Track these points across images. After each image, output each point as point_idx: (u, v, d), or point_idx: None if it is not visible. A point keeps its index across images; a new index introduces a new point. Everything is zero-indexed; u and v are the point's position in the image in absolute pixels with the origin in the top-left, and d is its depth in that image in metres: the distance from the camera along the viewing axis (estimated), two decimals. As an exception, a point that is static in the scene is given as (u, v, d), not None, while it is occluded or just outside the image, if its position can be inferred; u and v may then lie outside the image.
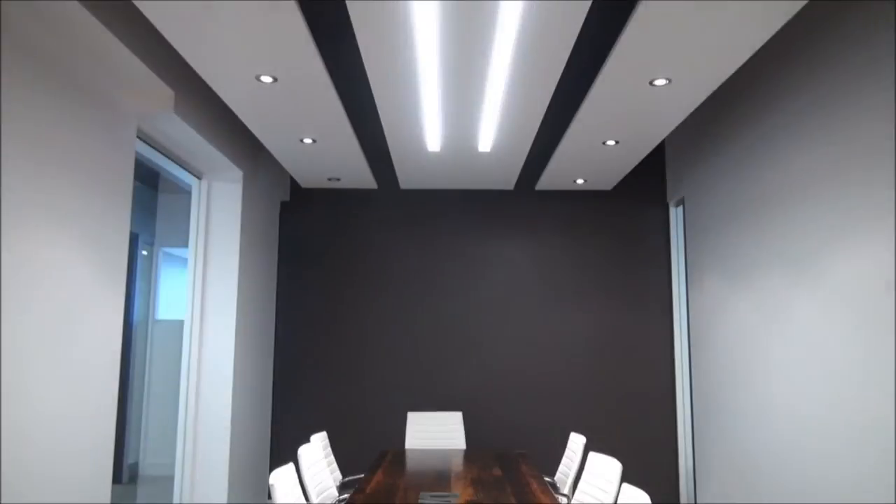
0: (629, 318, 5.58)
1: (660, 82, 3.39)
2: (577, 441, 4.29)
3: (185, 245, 4.67)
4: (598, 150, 4.55)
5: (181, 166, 4.40)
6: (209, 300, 4.59)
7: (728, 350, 4.46)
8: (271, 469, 5.46)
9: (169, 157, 4.21)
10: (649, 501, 2.52)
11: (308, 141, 4.34)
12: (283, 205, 5.83)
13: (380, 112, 3.86)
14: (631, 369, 5.52)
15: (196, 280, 4.57)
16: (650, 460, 5.37)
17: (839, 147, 3.18)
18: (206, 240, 4.66)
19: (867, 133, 2.97)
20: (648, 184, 5.73)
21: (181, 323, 4.60)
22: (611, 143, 4.37)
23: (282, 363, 5.65)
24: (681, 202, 5.49)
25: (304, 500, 3.18)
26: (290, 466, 3.13)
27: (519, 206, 5.76)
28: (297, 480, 3.18)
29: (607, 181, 5.40)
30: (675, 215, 5.64)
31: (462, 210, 5.78)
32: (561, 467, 4.48)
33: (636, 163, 4.85)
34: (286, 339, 5.68)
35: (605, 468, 3.37)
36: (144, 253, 6.05)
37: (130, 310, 5.70)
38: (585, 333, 5.58)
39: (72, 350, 2.91)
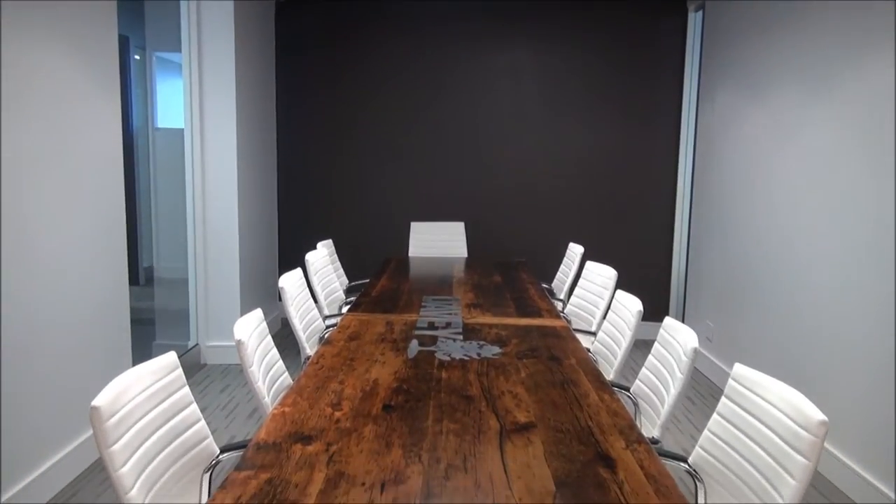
0: (635, 132, 5.49)
1: None
2: (575, 250, 4.43)
3: (179, 49, 4.47)
4: (616, -54, 4.17)
5: (165, -40, 4.07)
6: (207, 107, 4.49)
7: (733, 164, 4.44)
8: (280, 274, 5.71)
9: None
10: (641, 307, 2.64)
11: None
12: (279, 5, 5.50)
13: None
14: (633, 183, 5.54)
15: (192, 86, 4.43)
16: (645, 270, 5.58)
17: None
18: (199, 43, 4.44)
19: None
20: (668, -14, 5.34)
21: (182, 131, 4.54)
22: (631, -63, 4.00)
23: (285, 172, 5.67)
24: (701, 6, 5.15)
25: (312, 302, 3.35)
26: (298, 271, 3.26)
27: (528, 8, 5.42)
28: (306, 284, 3.33)
29: (624, -18, 5.02)
30: (694, 22, 5.32)
31: (468, 13, 5.45)
32: (558, 274, 4.67)
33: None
34: (288, 148, 5.64)
35: (601, 275, 3.51)
36: (137, 58, 5.82)
37: (128, 117, 5.61)
38: (590, 146, 5.52)
39: (74, 156, 2.90)
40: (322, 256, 3.91)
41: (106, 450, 1.43)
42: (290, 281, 3.05)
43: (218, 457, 1.86)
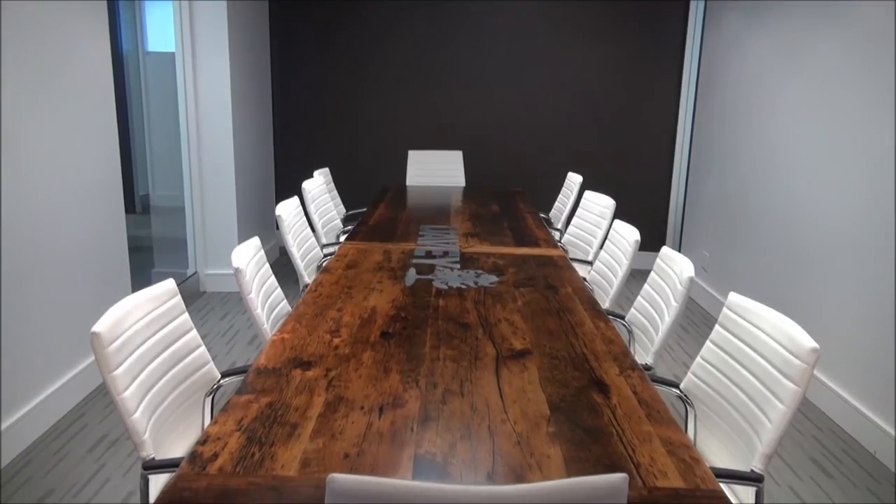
0: (638, 61, 5.35)
1: None
2: (573, 179, 4.40)
3: (166, -32, 4.30)
4: None
5: None
6: (199, 29, 4.35)
7: (737, 91, 4.36)
8: (277, 202, 5.68)
9: None
10: (638, 236, 2.64)
11: None
12: (270, -78, 5.26)
13: None
14: (634, 112, 5.44)
15: (182, 7, 4.28)
16: (643, 200, 5.56)
17: None
18: (187, -38, 4.27)
19: None
20: None
21: (173, 55, 4.42)
22: None
23: (281, 98, 5.56)
24: (710, -75, 4.94)
25: (310, 231, 3.34)
26: (295, 200, 3.24)
27: (530, -73, 5.19)
28: (303, 212, 3.32)
29: None
30: (702, -59, 5.11)
31: (467, -69, 5.22)
32: (556, 204, 4.66)
33: None
34: (283, 73, 5.51)
35: (599, 205, 3.49)
36: (123, -23, 5.59)
37: (117, 41, 5.44)
38: (591, 74, 5.40)
39: (63, 82, 2.83)
40: (319, 185, 3.88)
41: (108, 374, 1.46)
42: (288, 209, 3.03)
43: (219, 381, 1.90)
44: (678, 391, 1.89)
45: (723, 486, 1.23)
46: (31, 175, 2.65)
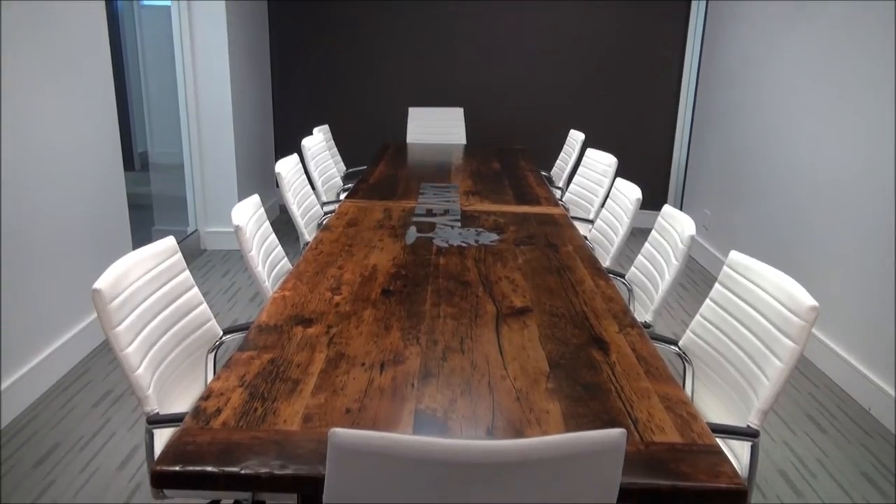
0: (642, 16, 5.24)
1: None
2: (575, 137, 4.36)
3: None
4: None
5: None
6: (194, -17, 4.26)
7: (741, 49, 4.28)
8: (277, 160, 5.64)
9: None
10: (639, 195, 2.63)
11: None
12: None
13: None
14: (637, 69, 5.36)
15: (177, -41, 4.19)
16: (646, 158, 5.52)
17: None
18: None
19: None
20: None
21: (168, 9, 4.33)
22: None
23: (279, 54, 5.47)
24: None
25: (310, 189, 3.32)
26: (295, 157, 3.21)
27: None
28: (303, 170, 3.29)
29: None
30: None
31: None
32: (558, 162, 4.63)
33: None
34: (282, 29, 5.41)
35: (601, 163, 3.47)
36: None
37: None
38: (594, 30, 5.30)
39: (56, 38, 2.78)
40: (318, 142, 3.85)
41: (110, 331, 1.47)
42: (287, 166, 3.01)
43: (221, 338, 1.91)
44: (677, 348, 1.90)
45: (719, 440, 1.25)
46: (28, 134, 2.62)
